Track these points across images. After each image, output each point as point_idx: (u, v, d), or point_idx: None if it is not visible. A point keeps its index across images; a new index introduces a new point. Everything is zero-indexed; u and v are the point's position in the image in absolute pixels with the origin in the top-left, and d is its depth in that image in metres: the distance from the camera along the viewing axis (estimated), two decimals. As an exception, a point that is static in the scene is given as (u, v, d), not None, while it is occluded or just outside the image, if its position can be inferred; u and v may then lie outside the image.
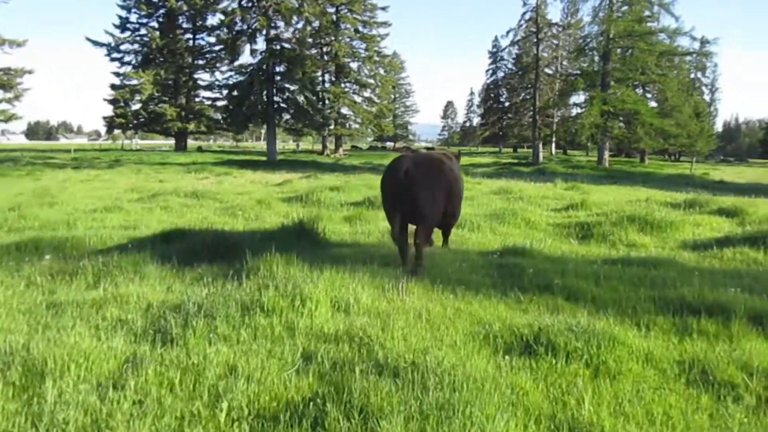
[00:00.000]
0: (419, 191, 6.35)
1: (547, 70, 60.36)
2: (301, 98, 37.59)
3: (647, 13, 40.06)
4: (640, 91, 45.13)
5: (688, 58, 41.27)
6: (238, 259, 6.40)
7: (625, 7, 39.17)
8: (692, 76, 55.23)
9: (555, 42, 63.95)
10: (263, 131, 56.39)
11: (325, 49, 52.63)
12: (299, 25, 37.62)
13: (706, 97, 74.65)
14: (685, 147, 47.92)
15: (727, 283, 6.22)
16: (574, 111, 49.20)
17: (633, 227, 9.56)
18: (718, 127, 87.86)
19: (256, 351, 3.91)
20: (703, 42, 38.79)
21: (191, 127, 56.04)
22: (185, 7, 52.28)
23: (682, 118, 41.12)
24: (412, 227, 6.69)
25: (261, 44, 36.18)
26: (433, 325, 4.52)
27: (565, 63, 62.06)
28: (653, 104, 44.06)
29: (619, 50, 40.46)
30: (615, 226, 9.53)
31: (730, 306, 5.08)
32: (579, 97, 43.58)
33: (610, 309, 5.19)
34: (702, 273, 6.71)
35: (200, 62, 55.98)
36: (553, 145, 63.99)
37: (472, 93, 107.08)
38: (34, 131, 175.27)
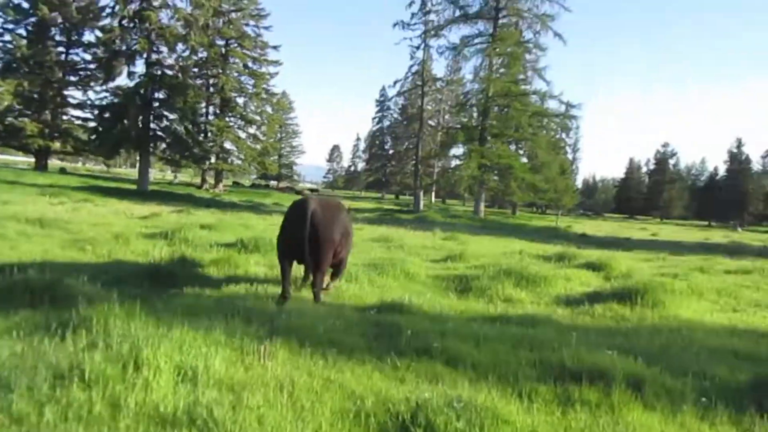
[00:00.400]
0: (323, 231, 6.87)
1: (430, 122, 62.75)
2: (180, 128, 35.58)
3: (522, 76, 43.05)
4: (513, 147, 47.98)
5: (555, 119, 44.39)
6: (71, 306, 5.31)
7: (503, 69, 41.76)
8: (557, 136, 59.87)
9: (439, 96, 66.83)
10: (138, 158, 52.93)
11: (211, 81, 50.84)
12: (184, 54, 35.95)
13: (569, 156, 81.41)
14: (553, 201, 51.34)
15: (602, 343, 6.13)
16: (454, 162, 51.37)
17: (509, 281, 9.52)
18: (578, 183, 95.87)
19: (57, 443, 2.99)
20: (569, 106, 42.09)
21: (56, 146, 51.23)
22: (60, 20, 48.32)
23: (550, 174, 44.09)
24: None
25: (140, 67, 34.06)
26: (297, 402, 3.81)
27: (447, 116, 64.95)
28: (524, 160, 46.92)
29: (496, 108, 42.98)
30: (492, 280, 9.43)
31: (609, 371, 4.87)
32: (459, 149, 45.53)
33: (491, 376, 4.79)
34: (578, 331, 6.60)
35: (72, 78, 51.71)
36: (433, 194, 66.12)
37: (358, 138, 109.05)
38: None
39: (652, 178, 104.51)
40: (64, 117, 53.18)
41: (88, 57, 49.50)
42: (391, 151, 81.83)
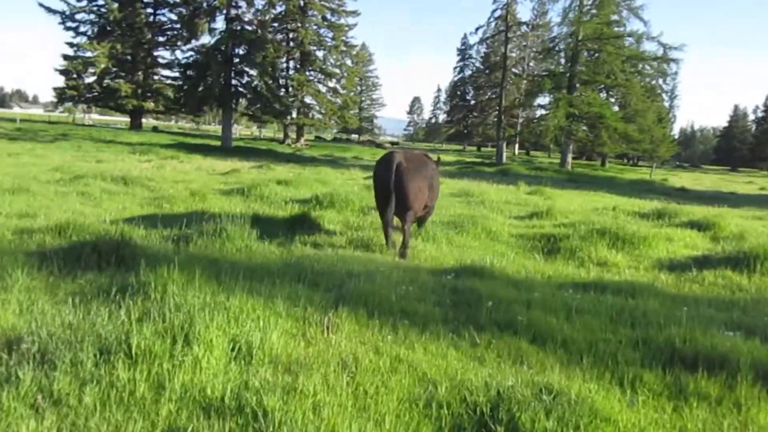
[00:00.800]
0: (408, 182, 7.22)
1: (514, 70, 59.78)
2: (260, 84, 35.72)
3: (615, 17, 39.70)
4: (603, 95, 44.89)
5: (653, 63, 40.71)
6: (135, 269, 5.11)
7: (594, 10, 38.62)
8: (653, 82, 55.44)
9: (524, 42, 63.49)
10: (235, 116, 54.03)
11: (290, 35, 50.63)
12: (263, 8, 35.75)
13: (665, 104, 75.62)
14: (647, 152, 47.94)
15: (717, 319, 5.29)
16: (539, 112, 48.87)
17: (603, 242, 8.62)
18: (675, 133, 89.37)
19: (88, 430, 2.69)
20: (667, 48, 38.38)
21: (148, 105, 53.42)
22: (147, -19, 49.63)
23: (645, 124, 40.86)
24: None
25: (221, 24, 34.23)
26: (359, 387, 3.35)
27: (532, 64, 61.68)
28: (615, 109, 43.83)
29: (586, 53, 40.02)
30: (584, 241, 8.57)
31: (731, 357, 4.09)
32: (544, 99, 42.90)
33: (585, 358, 4.15)
34: (686, 303, 5.76)
35: (160, 39, 53.30)
36: (516, 145, 63.68)
37: (439, 90, 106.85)
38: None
39: (761, 127, 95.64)
40: (155, 77, 55.20)
41: (173, 17, 50.62)
42: (472, 102, 79.11)
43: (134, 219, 7.88)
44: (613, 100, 47.26)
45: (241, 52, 34.94)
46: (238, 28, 33.76)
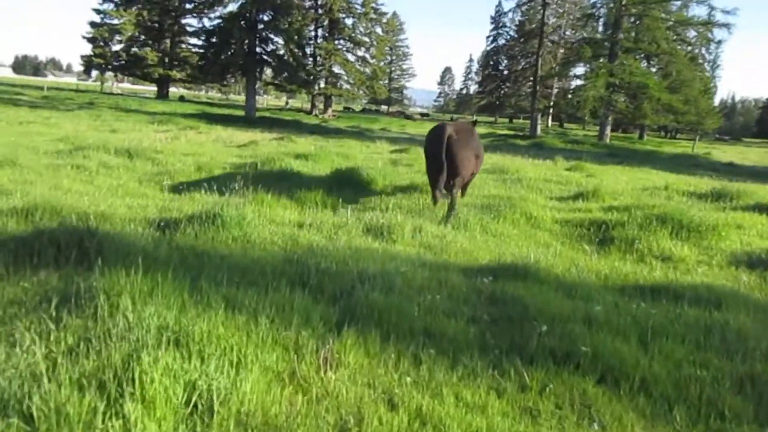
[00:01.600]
0: (458, 152, 7.73)
1: (551, 38, 57.13)
2: (285, 51, 34.46)
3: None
4: (644, 64, 42.30)
5: (700, 28, 37.88)
6: (92, 270, 4.09)
7: (639, -28, 36.03)
8: (695, 51, 52.16)
9: (561, 9, 60.57)
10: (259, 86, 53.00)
11: (319, 2, 49.00)
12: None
13: (707, 74, 71.66)
14: (692, 124, 45.35)
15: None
16: (574, 83, 46.74)
17: (664, 230, 7.35)
18: (716, 105, 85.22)
19: None
20: (719, 12, 35.51)
21: (174, 74, 52.70)
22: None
23: (691, 94, 38.38)
24: None
25: (246, -12, 32.93)
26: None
27: (568, 32, 58.94)
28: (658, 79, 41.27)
29: (629, 19, 37.49)
30: (642, 229, 7.31)
31: None
32: (581, 68, 40.72)
33: (676, 408, 3.02)
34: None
35: (188, 6, 52.26)
36: (550, 117, 61.34)
37: (471, 60, 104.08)
38: (21, 65, 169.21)
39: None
40: (182, 45, 54.35)
41: (200, -17, 49.52)
42: (505, 72, 76.50)
43: (123, 198, 6.90)
44: (654, 69, 44.58)
45: (266, 18, 33.66)
46: (263, -8, 32.49)
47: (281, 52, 35.32)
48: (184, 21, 53.67)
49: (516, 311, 4.16)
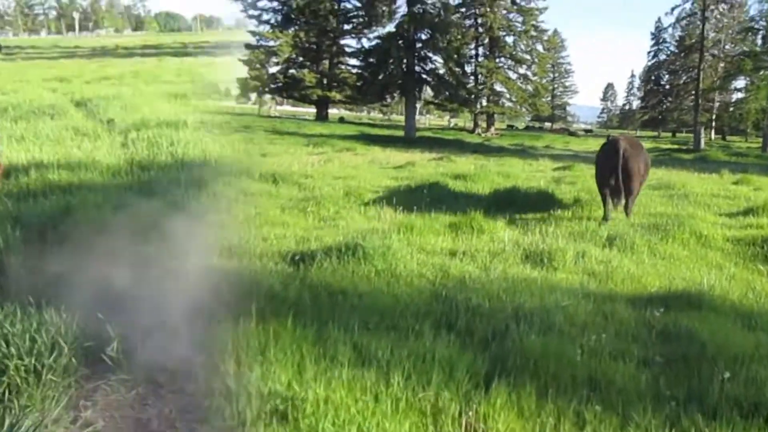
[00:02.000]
0: (632, 165, 8.70)
1: (712, 52, 54.45)
2: (444, 70, 34.85)
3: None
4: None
5: None
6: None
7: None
8: None
9: (720, 24, 57.16)
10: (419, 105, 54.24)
11: (479, 21, 49.57)
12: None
13: None
14: None
15: None
16: (735, 96, 47.96)
17: None
18: None
19: None
20: None
21: (333, 95, 55.45)
22: (328, -33, 51.30)
23: None
24: None
25: (403, 8, 34.08)
26: None
27: (728, 46, 55.55)
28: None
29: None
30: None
31: None
32: (742, 81, 42.05)
33: None
34: None
35: (346, 27, 54.97)
36: (713, 130, 58.20)
37: (632, 75, 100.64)
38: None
39: None
40: (341, 66, 57.21)
41: (358, 3, 51.83)
42: (667, 87, 73.69)
43: (259, 229, 7.05)
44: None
45: (423, 37, 34.34)
46: (420, 11, 33.27)
47: (441, 71, 35.82)
48: (342, 42, 56.46)
49: (692, 349, 3.75)
